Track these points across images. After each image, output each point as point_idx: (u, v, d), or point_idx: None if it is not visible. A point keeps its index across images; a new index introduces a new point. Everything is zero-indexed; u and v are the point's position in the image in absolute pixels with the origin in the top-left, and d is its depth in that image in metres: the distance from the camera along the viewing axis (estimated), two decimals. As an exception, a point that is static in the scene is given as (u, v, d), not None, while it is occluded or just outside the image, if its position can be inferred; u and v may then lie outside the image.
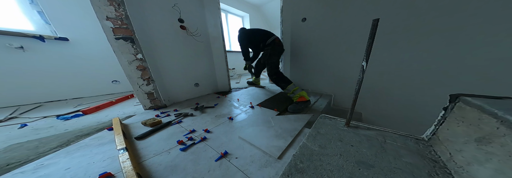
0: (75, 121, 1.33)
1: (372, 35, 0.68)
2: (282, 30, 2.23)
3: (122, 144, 0.85)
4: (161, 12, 1.42)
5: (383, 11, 1.44)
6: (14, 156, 0.84)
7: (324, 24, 1.85)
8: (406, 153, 0.67)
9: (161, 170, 0.71)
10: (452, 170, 0.55)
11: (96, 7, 1.09)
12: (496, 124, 0.47)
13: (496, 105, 0.51)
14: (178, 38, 1.61)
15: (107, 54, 1.95)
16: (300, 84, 2.37)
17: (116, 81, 2.30)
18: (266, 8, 4.50)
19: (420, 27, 1.32)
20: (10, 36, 1.55)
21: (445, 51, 1.28)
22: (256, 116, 1.29)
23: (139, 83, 1.37)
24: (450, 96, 0.67)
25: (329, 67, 1.99)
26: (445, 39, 1.25)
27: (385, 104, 1.70)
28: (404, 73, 1.50)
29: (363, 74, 0.75)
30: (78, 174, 0.69)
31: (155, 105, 1.50)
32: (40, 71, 1.76)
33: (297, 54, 2.24)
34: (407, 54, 1.44)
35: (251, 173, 0.68)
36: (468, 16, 1.14)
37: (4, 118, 1.37)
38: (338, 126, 0.92)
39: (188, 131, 1.05)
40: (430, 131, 0.75)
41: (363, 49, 0.70)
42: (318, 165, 0.62)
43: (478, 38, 1.14)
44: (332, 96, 2.06)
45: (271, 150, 0.81)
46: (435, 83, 1.38)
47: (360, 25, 1.61)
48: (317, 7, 1.85)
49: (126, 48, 1.24)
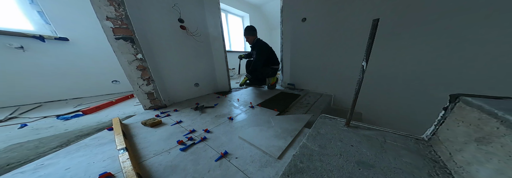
0: (75, 121, 1.33)
1: (372, 35, 0.68)
2: (282, 30, 2.23)
3: (122, 144, 0.85)
4: (161, 12, 1.42)
5: (383, 11, 1.44)
6: (14, 156, 0.84)
7: (324, 24, 1.85)
8: (406, 153, 0.67)
9: (161, 170, 0.71)
10: (452, 170, 0.55)
11: (96, 7, 1.09)
12: (496, 124, 0.47)
13: (496, 105, 0.51)
14: (178, 38, 1.61)
15: (107, 54, 1.95)
16: (301, 84, 2.37)
17: (116, 81, 2.30)
18: (266, 8, 4.50)
19: (420, 27, 1.32)
20: (10, 36, 1.55)
21: (445, 51, 1.28)
22: (256, 116, 1.29)
23: (139, 83, 1.37)
24: (450, 96, 0.67)
25: (329, 67, 2.00)
26: (445, 39, 1.25)
27: (385, 104, 1.70)
28: (404, 73, 1.50)
29: (363, 74, 0.75)
30: (78, 174, 0.69)
31: (155, 105, 1.50)
32: (40, 71, 1.76)
33: (297, 55, 2.24)
34: (407, 54, 1.44)
35: (251, 173, 0.68)
36: (468, 16, 1.14)
37: (4, 118, 1.37)
38: (338, 126, 0.92)
39: (188, 131, 1.05)
40: (430, 131, 0.75)
41: (363, 49, 0.70)
42: (318, 165, 0.62)
43: (479, 38, 1.14)
44: (332, 96, 2.06)
45: (271, 150, 0.81)
46: (435, 83, 1.38)
47: (360, 25, 1.61)
48: (317, 7, 1.85)
49: (126, 48, 1.24)
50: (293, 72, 2.41)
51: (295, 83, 2.39)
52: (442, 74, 1.33)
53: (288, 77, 2.47)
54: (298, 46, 2.19)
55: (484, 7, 1.08)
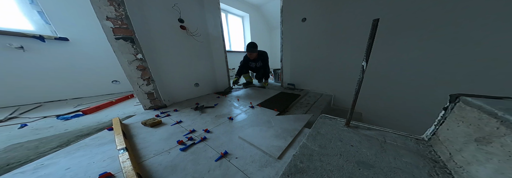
0: (75, 121, 1.33)
1: (372, 36, 0.68)
2: (282, 30, 2.23)
3: (122, 144, 0.85)
4: (161, 12, 1.42)
5: (383, 11, 1.44)
6: (14, 156, 0.84)
7: (324, 24, 1.85)
8: (406, 153, 0.67)
9: (161, 170, 0.71)
10: (452, 170, 0.55)
11: (96, 7, 1.09)
12: (496, 124, 0.47)
13: (496, 105, 0.51)
14: (178, 38, 1.61)
15: (107, 54, 1.95)
16: (301, 84, 2.37)
17: (116, 81, 2.30)
18: (266, 8, 4.50)
19: (421, 28, 1.32)
20: (10, 36, 1.55)
21: (445, 51, 1.28)
22: (256, 116, 1.29)
23: (139, 83, 1.37)
24: (450, 96, 0.67)
25: (329, 67, 1.99)
26: (445, 39, 1.25)
27: (385, 104, 1.70)
28: (404, 73, 1.50)
29: (363, 74, 0.75)
30: (78, 174, 0.69)
31: (155, 105, 1.50)
32: (40, 71, 1.76)
33: (297, 55, 2.24)
34: (407, 54, 1.44)
35: (251, 173, 0.68)
36: (468, 16, 1.14)
37: (4, 118, 1.37)
38: (338, 126, 0.92)
39: (188, 131, 1.05)
40: (430, 131, 0.75)
41: (363, 49, 0.70)
42: (318, 165, 0.62)
43: (479, 38, 1.14)
44: (332, 96, 2.06)
45: (271, 150, 0.81)
46: (435, 83, 1.38)
47: (360, 25, 1.61)
48: (317, 7, 1.85)
49: (126, 48, 1.24)
50: (293, 72, 2.41)
51: (295, 83, 2.39)
52: (442, 74, 1.33)
53: (288, 77, 2.47)
54: (298, 46, 2.19)
55: (484, 7, 1.08)
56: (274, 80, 3.19)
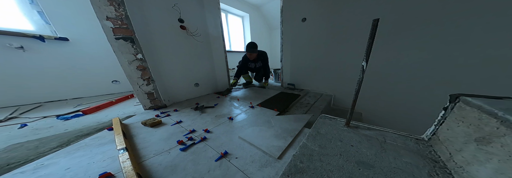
0: (75, 121, 1.33)
1: (372, 36, 0.68)
2: (282, 30, 2.23)
3: (122, 144, 0.85)
4: (161, 12, 1.42)
5: (384, 11, 1.44)
6: (14, 156, 0.84)
7: (324, 24, 1.85)
8: (406, 153, 0.67)
9: (161, 170, 0.71)
10: (452, 170, 0.55)
11: (96, 7, 1.09)
12: (496, 124, 0.47)
13: (496, 105, 0.51)
14: (178, 38, 1.61)
15: (107, 54, 1.95)
16: (301, 84, 2.37)
17: (116, 81, 2.30)
18: (266, 8, 4.50)
19: (421, 28, 1.32)
20: (10, 36, 1.55)
21: (445, 51, 1.28)
22: (256, 116, 1.29)
23: (139, 83, 1.37)
24: (450, 96, 0.67)
25: (329, 67, 2.00)
26: (445, 40, 1.25)
27: (385, 104, 1.70)
28: (404, 73, 1.50)
29: (363, 74, 0.75)
30: (78, 174, 0.69)
31: (155, 105, 1.50)
32: (40, 71, 1.76)
33: (297, 55, 2.24)
34: (407, 54, 1.44)
35: (251, 173, 0.68)
36: (468, 16, 1.14)
37: (4, 118, 1.37)
38: (338, 126, 0.92)
39: (188, 131, 1.05)
40: (430, 131, 0.75)
41: (363, 49, 0.70)
42: (318, 165, 0.62)
43: (479, 38, 1.14)
44: (332, 96, 2.06)
45: (271, 150, 0.81)
46: (435, 84, 1.38)
47: (360, 25, 1.61)
48: (317, 7, 1.85)
49: (126, 48, 1.24)
50: (293, 72, 2.41)
51: (295, 83, 2.39)
52: (442, 74, 1.33)
53: (288, 77, 2.47)
54: (298, 46, 2.19)
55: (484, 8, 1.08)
56: (274, 80, 3.21)
